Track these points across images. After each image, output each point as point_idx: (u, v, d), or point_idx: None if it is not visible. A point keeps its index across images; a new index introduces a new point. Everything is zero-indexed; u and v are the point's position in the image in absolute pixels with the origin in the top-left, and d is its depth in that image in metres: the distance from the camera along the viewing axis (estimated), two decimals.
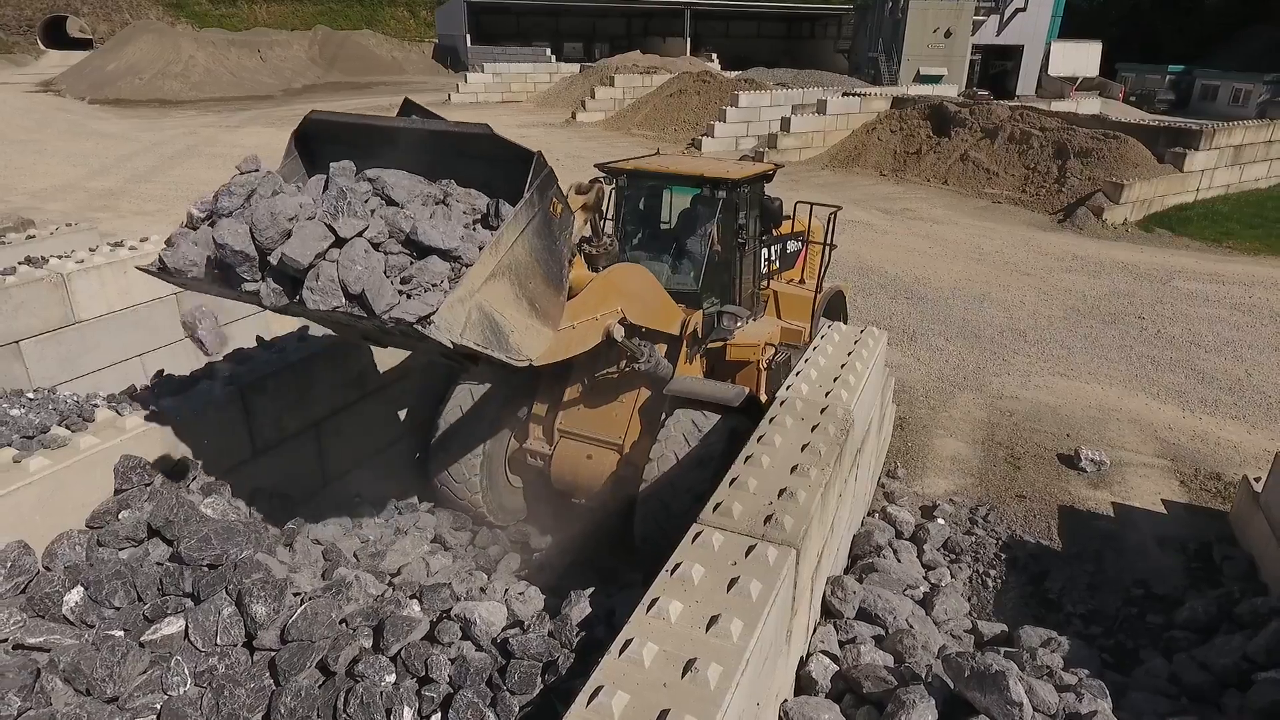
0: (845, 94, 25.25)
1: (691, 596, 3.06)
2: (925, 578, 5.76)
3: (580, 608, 3.73)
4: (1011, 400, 8.92)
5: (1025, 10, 41.23)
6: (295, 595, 3.64)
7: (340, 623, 3.61)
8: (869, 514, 6.57)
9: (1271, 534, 5.75)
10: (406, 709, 3.16)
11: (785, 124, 23.76)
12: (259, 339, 5.84)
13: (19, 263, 6.69)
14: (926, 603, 5.27)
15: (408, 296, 3.31)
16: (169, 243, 3.75)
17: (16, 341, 6.34)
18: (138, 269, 4.02)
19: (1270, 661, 4.48)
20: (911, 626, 4.48)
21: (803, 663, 3.93)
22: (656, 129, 28.24)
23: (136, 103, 34.57)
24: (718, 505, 3.68)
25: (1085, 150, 18.78)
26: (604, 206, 5.33)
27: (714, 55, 46.11)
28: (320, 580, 4.06)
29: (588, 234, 5.12)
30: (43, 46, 49.31)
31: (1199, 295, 12.71)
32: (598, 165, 6.66)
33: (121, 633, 3.31)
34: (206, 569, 3.69)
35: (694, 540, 3.42)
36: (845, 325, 6.29)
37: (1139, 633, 5.46)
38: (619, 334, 4.88)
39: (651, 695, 2.62)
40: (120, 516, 3.94)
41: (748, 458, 4.11)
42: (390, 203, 3.64)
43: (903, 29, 39.27)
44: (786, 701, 3.56)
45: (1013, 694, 3.14)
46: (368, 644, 3.52)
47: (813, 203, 7.33)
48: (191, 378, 5.12)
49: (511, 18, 51.63)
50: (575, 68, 39.45)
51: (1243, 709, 4.21)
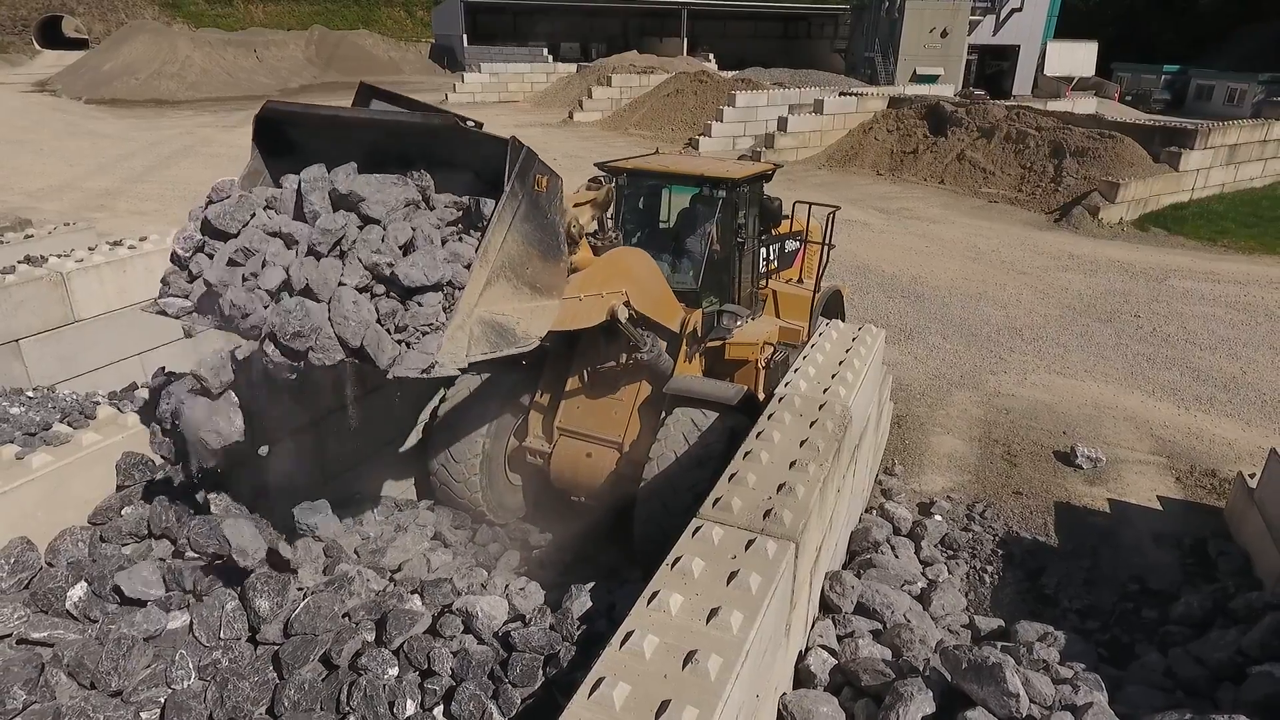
0: (842, 94, 25.30)
1: (692, 589, 3.09)
2: (923, 573, 5.80)
3: (581, 602, 3.75)
4: (1008, 398, 8.97)
5: (1021, 10, 41.34)
6: (298, 590, 3.67)
7: (343, 617, 3.63)
8: (867, 510, 6.60)
9: (1266, 530, 5.80)
10: (409, 701, 3.18)
11: (782, 124, 23.80)
12: None
13: (18, 262, 6.69)
14: (924, 598, 5.31)
15: (406, 346, 3.26)
16: (164, 282, 3.71)
17: (16, 340, 6.34)
18: (144, 311, 3.94)
19: (1264, 655, 4.51)
20: (909, 621, 4.51)
21: (801, 656, 3.96)
22: (654, 129, 28.27)
23: (132, 103, 34.51)
24: (717, 500, 3.71)
25: (1081, 150, 18.85)
26: (611, 208, 5.38)
27: (711, 55, 46.15)
28: (322, 576, 4.08)
29: (594, 229, 5.15)
30: (38, 46, 49.16)
31: (1194, 294, 12.77)
32: (597, 164, 6.68)
33: (125, 627, 3.32)
34: (209, 564, 3.71)
35: (694, 534, 3.45)
36: (843, 323, 6.32)
37: (1135, 628, 5.50)
38: (623, 315, 4.91)
39: (652, 686, 2.64)
40: (123, 513, 3.95)
41: (747, 453, 4.14)
42: (366, 219, 3.49)
43: (899, 29, 39.36)
44: (785, 694, 3.60)
45: (1009, 685, 3.18)
46: (370, 638, 3.54)
47: (811, 202, 7.36)
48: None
49: (508, 17, 51.63)
50: (572, 68, 39.48)
51: (1237, 702, 4.24)
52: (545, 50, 47.09)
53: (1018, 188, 19.34)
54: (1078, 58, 42.12)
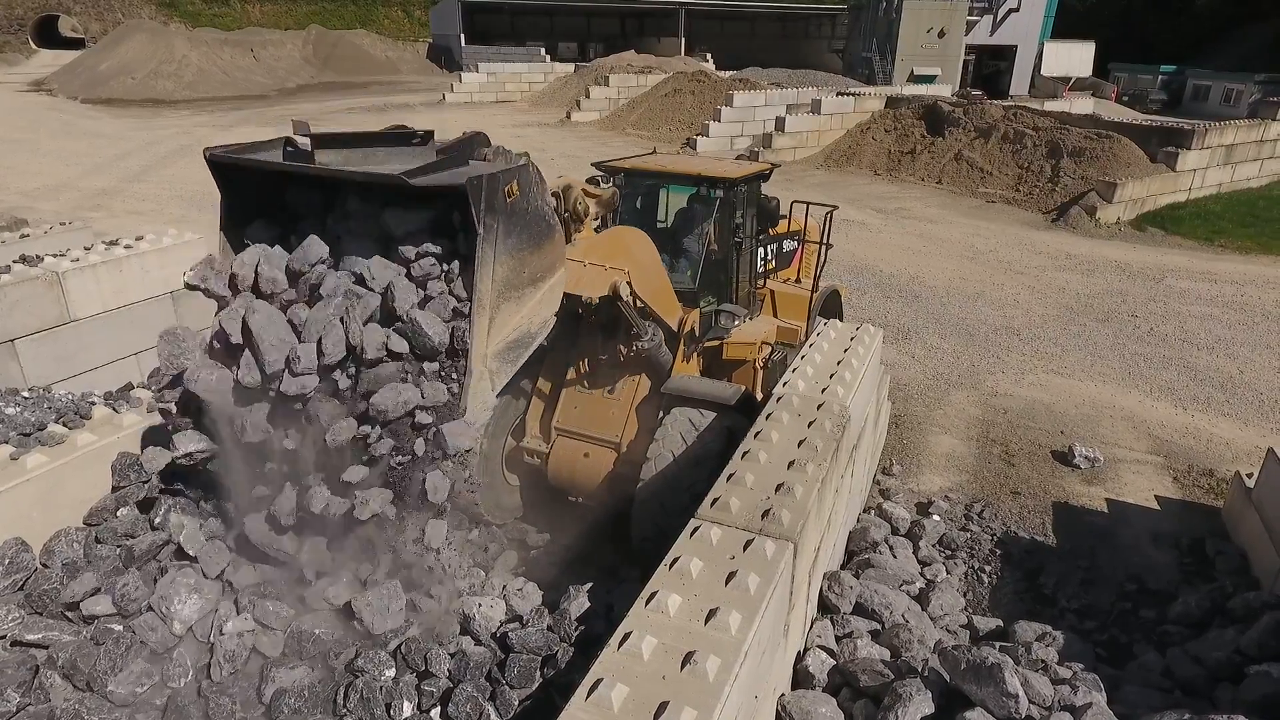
0: (840, 94, 25.30)
1: (690, 590, 3.08)
2: (921, 573, 5.79)
3: (579, 603, 3.74)
4: (1006, 398, 8.96)
5: (1018, 10, 41.41)
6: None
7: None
8: (865, 510, 6.60)
9: (1264, 529, 5.80)
10: (406, 703, 3.17)
11: (780, 123, 23.79)
12: None
13: (14, 261, 6.67)
14: (922, 598, 5.30)
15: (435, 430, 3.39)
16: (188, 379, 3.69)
17: (12, 340, 6.32)
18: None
19: (1263, 655, 4.51)
20: (907, 621, 4.51)
21: (800, 657, 3.95)
22: (651, 129, 28.26)
23: (129, 102, 34.44)
24: (715, 500, 3.70)
25: (1078, 150, 18.86)
26: (618, 208, 5.41)
27: (708, 55, 46.14)
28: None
29: (598, 225, 5.17)
30: (34, 46, 49.00)
31: (1191, 294, 12.79)
32: (595, 164, 6.66)
33: (121, 627, 3.30)
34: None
35: (692, 535, 3.43)
36: (841, 322, 6.31)
37: (1133, 627, 5.49)
38: (625, 292, 4.95)
39: (651, 687, 2.63)
40: (119, 514, 3.93)
41: (745, 453, 4.13)
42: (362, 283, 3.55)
43: (897, 29, 39.40)
44: (784, 695, 3.59)
45: (1008, 686, 3.17)
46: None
47: (809, 202, 7.35)
48: None
49: (505, 17, 51.59)
50: (570, 67, 39.46)
51: (1235, 702, 4.24)
52: (543, 50, 47.04)
53: (1015, 188, 19.35)
54: (1075, 58, 42.20)
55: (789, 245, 7.92)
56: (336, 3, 59.73)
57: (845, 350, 5.56)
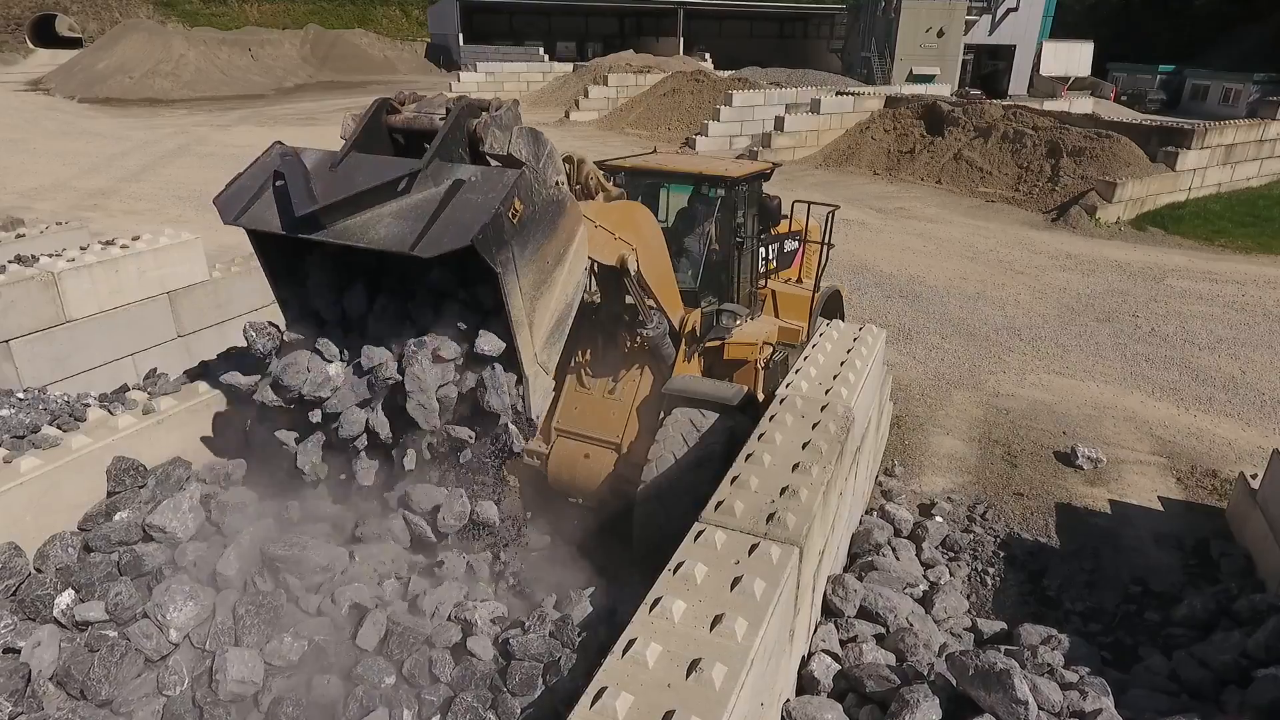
0: (839, 93, 25.27)
1: (695, 595, 3.03)
2: (924, 576, 5.75)
3: (581, 607, 3.69)
4: (1008, 398, 8.93)
5: (1017, 10, 41.43)
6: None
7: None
8: (867, 512, 6.55)
9: (1269, 530, 5.76)
10: (406, 711, 3.12)
11: (779, 123, 23.75)
12: None
13: (9, 261, 6.61)
14: (926, 601, 5.25)
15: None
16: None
17: (6, 341, 6.26)
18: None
19: (1270, 658, 4.47)
20: (912, 625, 4.46)
21: (804, 662, 3.90)
22: (650, 128, 28.23)
23: (127, 102, 34.35)
24: (720, 504, 3.65)
25: (1078, 149, 18.83)
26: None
27: (707, 54, 46.11)
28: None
29: None
30: (31, 45, 48.88)
31: (1192, 293, 12.76)
32: (597, 163, 6.62)
33: (115, 633, 3.25)
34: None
35: (696, 539, 3.38)
36: (844, 323, 6.26)
37: (1138, 630, 5.45)
38: (632, 265, 4.99)
39: (656, 696, 2.58)
40: (114, 519, 3.88)
41: (749, 456, 4.07)
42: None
43: (895, 28, 39.39)
44: (789, 701, 3.54)
45: (1018, 692, 3.12)
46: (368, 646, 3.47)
47: (811, 201, 7.32)
48: (185, 376, 5.06)
49: (504, 17, 51.54)
50: (569, 67, 39.41)
51: (1243, 706, 4.20)
52: (541, 49, 47.00)
53: (1015, 187, 19.32)
54: (1073, 57, 42.20)
55: (790, 245, 7.88)
56: (334, 2, 59.64)
57: (848, 351, 5.52)
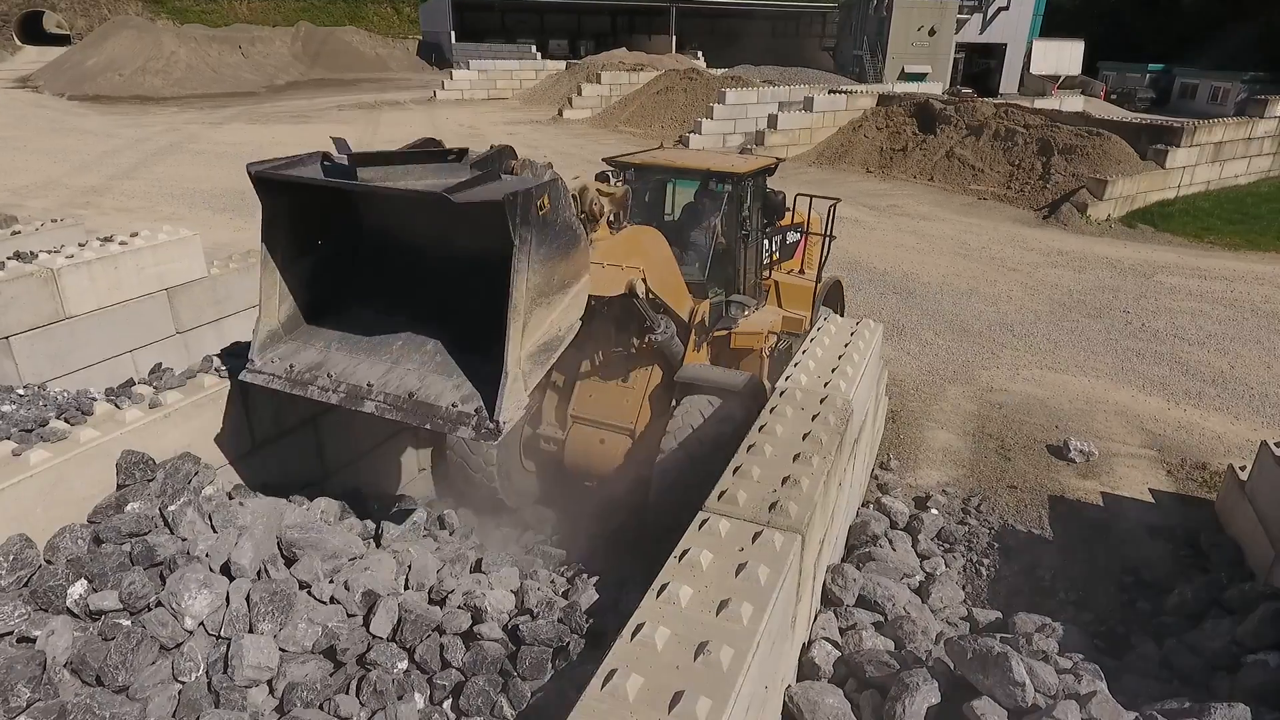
0: (831, 91, 25.39)
1: (701, 581, 3.10)
2: (920, 566, 5.83)
3: (589, 594, 3.75)
4: (1001, 393, 9.03)
5: (1008, 9, 41.63)
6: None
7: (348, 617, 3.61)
8: (864, 504, 6.63)
9: (1258, 521, 5.87)
10: (418, 695, 3.17)
11: (772, 121, 23.84)
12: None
13: (7, 258, 6.61)
14: (922, 591, 5.34)
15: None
16: None
17: (6, 337, 6.27)
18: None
19: (1258, 644, 4.57)
20: (909, 613, 4.54)
21: (805, 649, 3.97)
22: (643, 126, 28.27)
23: (116, 99, 34.15)
24: (723, 493, 3.71)
25: (1069, 147, 18.99)
26: (629, 205, 5.53)
27: (699, 52, 46.19)
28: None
29: (612, 220, 5.25)
30: (19, 42, 48.46)
31: (1182, 290, 12.91)
32: (606, 159, 6.76)
33: (129, 622, 3.29)
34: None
35: (701, 527, 3.45)
36: (841, 317, 6.38)
37: (1130, 619, 5.56)
38: (640, 289, 5.10)
39: (665, 677, 2.65)
40: (125, 510, 3.91)
41: (750, 446, 4.15)
42: None
43: (887, 27, 39.53)
44: (791, 687, 3.61)
45: (1015, 674, 3.20)
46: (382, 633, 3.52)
47: (813, 195, 7.51)
48: (190, 371, 5.08)
49: (496, 15, 51.47)
50: (561, 65, 39.41)
51: (1232, 690, 4.30)
52: (533, 47, 46.96)
53: (1006, 185, 19.47)
54: (1064, 56, 42.47)
55: (792, 237, 8.08)
56: None
57: (846, 345, 5.59)
